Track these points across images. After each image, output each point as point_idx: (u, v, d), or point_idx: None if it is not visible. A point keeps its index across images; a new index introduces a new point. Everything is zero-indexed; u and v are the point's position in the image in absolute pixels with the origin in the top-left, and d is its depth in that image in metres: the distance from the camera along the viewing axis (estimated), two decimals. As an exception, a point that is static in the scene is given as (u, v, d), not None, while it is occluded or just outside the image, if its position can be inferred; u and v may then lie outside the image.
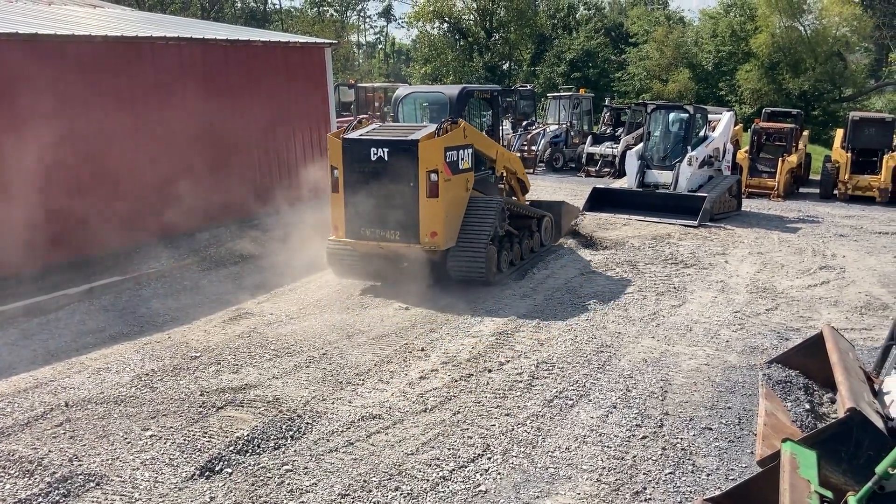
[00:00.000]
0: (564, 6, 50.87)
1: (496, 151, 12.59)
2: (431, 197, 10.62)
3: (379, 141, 10.79)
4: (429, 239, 10.74)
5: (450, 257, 11.05)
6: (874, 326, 9.79)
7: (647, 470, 6.18)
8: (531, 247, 13.03)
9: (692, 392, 7.69)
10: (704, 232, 15.61)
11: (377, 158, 10.72)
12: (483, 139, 12.05)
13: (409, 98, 12.87)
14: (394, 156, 10.66)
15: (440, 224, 10.70)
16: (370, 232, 10.99)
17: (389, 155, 10.67)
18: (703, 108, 19.53)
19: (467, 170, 11.34)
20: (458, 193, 11.14)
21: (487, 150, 12.23)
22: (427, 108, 12.86)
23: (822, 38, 36.30)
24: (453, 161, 10.91)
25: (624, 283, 11.76)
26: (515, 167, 13.54)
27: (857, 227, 16.60)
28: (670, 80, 40.49)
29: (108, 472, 6.14)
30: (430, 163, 10.56)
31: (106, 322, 10.05)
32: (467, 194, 11.42)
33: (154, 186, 13.52)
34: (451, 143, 10.84)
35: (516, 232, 12.47)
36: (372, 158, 10.75)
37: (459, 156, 11.09)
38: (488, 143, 12.30)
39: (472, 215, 11.31)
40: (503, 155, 12.98)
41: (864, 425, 4.64)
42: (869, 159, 20.79)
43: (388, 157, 10.68)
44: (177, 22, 19.32)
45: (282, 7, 63.05)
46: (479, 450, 6.48)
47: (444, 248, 10.93)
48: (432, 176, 10.58)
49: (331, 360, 8.54)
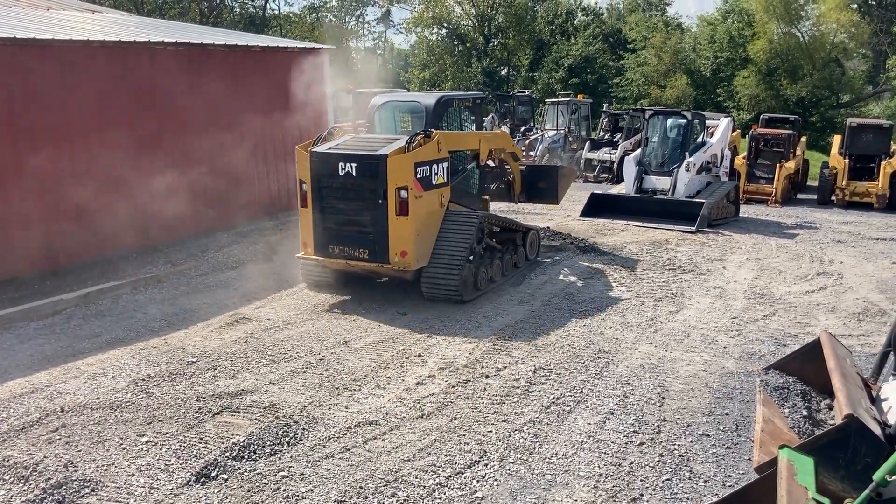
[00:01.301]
0: (563, 12, 50.96)
1: (478, 141, 12.17)
2: (401, 215, 10.21)
3: (346, 155, 10.39)
4: (398, 258, 10.35)
5: (423, 276, 10.66)
6: (872, 333, 9.79)
7: (644, 476, 6.16)
8: (514, 262, 12.41)
9: (690, 398, 7.68)
10: (702, 238, 15.61)
11: (345, 173, 10.33)
12: (461, 138, 11.70)
13: (386, 107, 12.20)
14: (362, 171, 10.26)
15: (410, 243, 10.30)
16: (338, 250, 10.65)
17: (357, 170, 10.27)
18: (700, 114, 19.56)
19: (442, 185, 10.89)
20: (430, 210, 10.69)
21: (468, 146, 11.93)
22: (404, 117, 12.32)
23: (820, 44, 36.39)
24: (425, 177, 10.47)
25: (621, 288, 11.75)
26: (503, 143, 13.09)
27: (855, 234, 16.61)
28: (668, 85, 40.54)
29: (103, 478, 6.11)
30: (399, 179, 10.15)
31: (102, 327, 10.03)
32: (442, 210, 10.96)
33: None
34: (423, 158, 10.42)
35: (499, 246, 11.96)
36: (340, 173, 10.36)
37: (433, 171, 10.63)
38: (467, 138, 11.91)
39: (447, 231, 10.85)
40: (486, 139, 12.49)
41: (861, 432, 4.63)
42: (866, 165, 20.81)
43: (355, 172, 10.28)
44: (175, 27, 19.32)
45: (280, 13, 63.03)
46: (476, 456, 6.46)
47: (416, 268, 10.53)
48: (402, 193, 10.17)
49: (328, 366, 8.52)
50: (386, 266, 10.47)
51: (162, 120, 14.15)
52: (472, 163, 12.28)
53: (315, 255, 10.90)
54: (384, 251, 10.38)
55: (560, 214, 17.97)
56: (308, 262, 11.14)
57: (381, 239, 10.36)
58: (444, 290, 10.66)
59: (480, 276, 11.16)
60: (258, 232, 14.99)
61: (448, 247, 10.71)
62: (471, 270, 10.91)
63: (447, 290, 10.64)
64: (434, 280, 10.65)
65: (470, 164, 12.25)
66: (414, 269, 10.49)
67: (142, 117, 13.76)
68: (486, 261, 11.43)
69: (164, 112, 14.21)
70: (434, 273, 10.63)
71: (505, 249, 12.13)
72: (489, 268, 11.48)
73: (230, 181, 15.53)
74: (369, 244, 10.45)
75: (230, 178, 15.55)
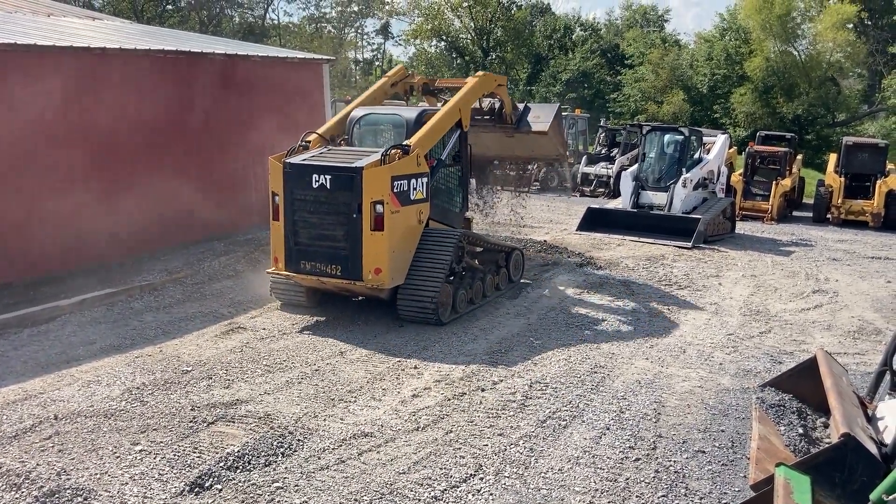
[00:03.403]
0: (561, 27, 51.23)
1: (457, 111, 11.40)
2: (376, 230, 9.80)
3: (321, 167, 10.01)
4: (372, 276, 9.89)
5: (398, 296, 10.24)
6: (867, 351, 9.81)
7: (639, 493, 6.15)
8: (496, 283, 11.86)
9: (685, 414, 7.67)
10: (698, 254, 15.64)
11: (319, 186, 9.93)
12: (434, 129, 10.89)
13: (365, 120, 11.59)
14: (336, 184, 9.88)
15: (385, 260, 9.86)
16: (310, 266, 10.19)
17: (332, 182, 9.88)
18: (697, 131, 19.68)
19: (420, 200, 10.45)
20: (408, 226, 10.27)
21: (446, 127, 11.14)
22: (384, 130, 11.64)
23: (816, 63, 36.64)
24: (403, 191, 10.06)
25: (618, 303, 11.76)
26: (483, 88, 12.34)
27: (850, 252, 16.68)
28: (665, 101, 40.75)
29: (96, 487, 6.07)
30: (374, 193, 9.75)
31: (97, 334, 9.98)
32: (420, 226, 10.53)
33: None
34: (401, 172, 10.02)
35: (480, 267, 11.54)
36: (314, 186, 9.95)
37: (411, 185, 10.20)
38: (442, 122, 11.09)
39: (424, 250, 10.41)
40: (464, 101, 11.68)
41: (858, 451, 4.64)
42: (862, 184, 20.94)
43: (330, 184, 9.89)
44: (175, 35, 19.37)
45: (280, 23, 63.26)
46: (471, 470, 6.44)
47: (391, 287, 10.13)
48: (377, 207, 9.76)
49: (323, 377, 8.50)
50: (359, 284, 10.03)
51: (157, 126, 14.16)
52: (456, 132, 11.54)
53: (285, 270, 10.47)
54: (357, 268, 9.93)
55: (556, 228, 18.02)
56: (278, 278, 10.78)
57: (354, 255, 9.92)
58: (420, 312, 10.23)
59: (459, 297, 10.72)
60: (255, 241, 14.96)
61: (425, 265, 10.29)
62: (448, 291, 10.49)
63: (423, 311, 10.20)
64: (410, 300, 10.23)
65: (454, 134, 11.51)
66: (388, 287, 10.08)
67: (144, 125, 13.79)
68: (466, 281, 11.03)
69: (162, 119, 14.23)
70: (410, 293, 10.22)
71: (487, 270, 11.67)
72: (469, 289, 11.03)
73: (228, 190, 15.54)
74: (342, 260, 10.01)
75: (228, 187, 15.57)
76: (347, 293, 10.72)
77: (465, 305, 10.92)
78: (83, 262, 12.62)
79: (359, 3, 64.17)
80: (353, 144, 11.45)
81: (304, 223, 10.19)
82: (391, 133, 11.34)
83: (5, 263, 11.74)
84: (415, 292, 10.21)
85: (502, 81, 13.09)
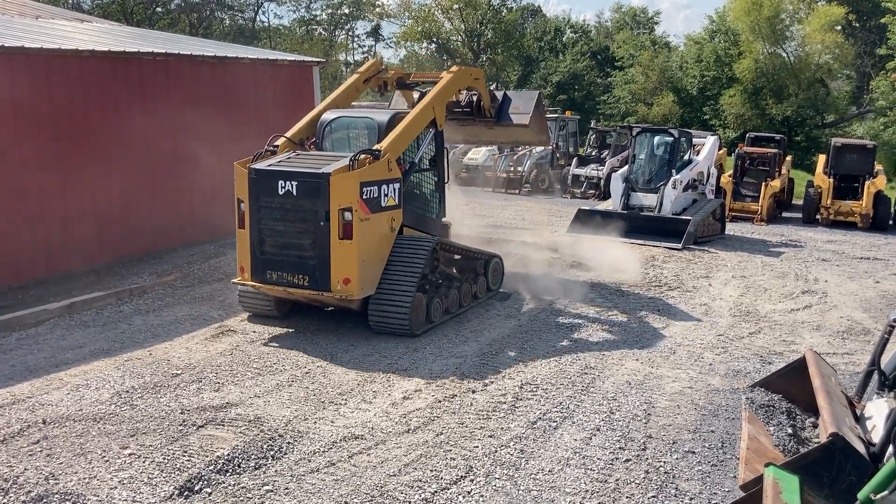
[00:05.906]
0: (551, 29, 51.43)
1: (430, 110, 10.98)
2: (344, 238, 9.41)
3: (287, 172, 9.63)
4: (341, 286, 9.49)
5: (369, 307, 9.84)
6: (856, 351, 9.86)
7: (630, 493, 6.16)
8: (474, 292, 11.40)
9: (675, 415, 7.69)
10: (688, 255, 15.69)
11: (285, 192, 9.55)
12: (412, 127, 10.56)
13: (337, 123, 11.09)
14: (303, 190, 9.50)
15: (354, 269, 9.46)
16: (277, 276, 9.78)
17: (298, 189, 9.50)
18: (687, 132, 19.74)
19: (392, 207, 10.05)
20: (379, 234, 9.87)
21: (419, 128, 10.78)
22: (356, 134, 11.15)
23: (805, 64, 36.91)
24: (373, 198, 9.67)
25: (608, 304, 11.78)
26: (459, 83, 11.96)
27: (839, 252, 16.76)
28: (655, 103, 40.95)
29: (85, 491, 6.04)
30: (343, 199, 9.37)
31: (86, 338, 9.93)
32: (393, 234, 10.13)
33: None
34: (371, 178, 9.61)
35: (457, 275, 11.23)
36: (280, 192, 9.58)
37: (382, 191, 9.81)
38: (416, 122, 10.67)
39: (397, 258, 10.01)
40: (438, 98, 11.25)
41: (846, 450, 4.66)
42: (851, 185, 21.05)
43: (296, 191, 9.51)
44: (164, 38, 19.31)
45: (270, 25, 63.18)
46: (461, 472, 6.44)
47: (361, 297, 9.72)
48: (345, 214, 9.39)
49: (313, 379, 8.48)
50: (327, 294, 9.62)
51: (149, 126, 14.11)
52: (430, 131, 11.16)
53: (251, 280, 10.07)
54: (325, 278, 9.52)
55: (547, 230, 18.03)
56: (245, 288, 10.43)
57: (322, 264, 9.51)
58: (393, 323, 9.84)
59: (434, 306, 10.30)
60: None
61: (397, 275, 9.89)
62: (422, 301, 10.12)
63: (396, 322, 9.81)
64: (381, 311, 9.83)
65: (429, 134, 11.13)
66: (358, 298, 9.66)
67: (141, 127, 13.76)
68: (442, 290, 10.63)
69: (155, 119, 14.18)
70: (381, 303, 9.82)
71: (464, 278, 11.26)
72: (444, 298, 10.61)
73: (217, 192, 15.46)
74: (310, 270, 9.60)
75: (216, 189, 15.49)
76: (317, 304, 10.37)
77: (441, 315, 10.50)
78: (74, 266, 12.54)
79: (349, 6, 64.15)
80: (323, 149, 11.03)
81: (270, 231, 9.82)
82: (363, 137, 10.93)
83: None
84: (386, 303, 9.82)
85: (479, 75, 12.73)
